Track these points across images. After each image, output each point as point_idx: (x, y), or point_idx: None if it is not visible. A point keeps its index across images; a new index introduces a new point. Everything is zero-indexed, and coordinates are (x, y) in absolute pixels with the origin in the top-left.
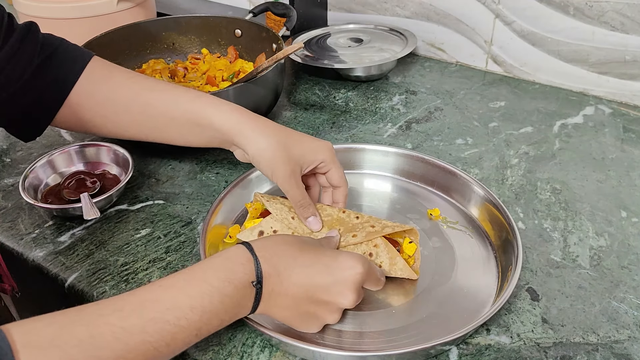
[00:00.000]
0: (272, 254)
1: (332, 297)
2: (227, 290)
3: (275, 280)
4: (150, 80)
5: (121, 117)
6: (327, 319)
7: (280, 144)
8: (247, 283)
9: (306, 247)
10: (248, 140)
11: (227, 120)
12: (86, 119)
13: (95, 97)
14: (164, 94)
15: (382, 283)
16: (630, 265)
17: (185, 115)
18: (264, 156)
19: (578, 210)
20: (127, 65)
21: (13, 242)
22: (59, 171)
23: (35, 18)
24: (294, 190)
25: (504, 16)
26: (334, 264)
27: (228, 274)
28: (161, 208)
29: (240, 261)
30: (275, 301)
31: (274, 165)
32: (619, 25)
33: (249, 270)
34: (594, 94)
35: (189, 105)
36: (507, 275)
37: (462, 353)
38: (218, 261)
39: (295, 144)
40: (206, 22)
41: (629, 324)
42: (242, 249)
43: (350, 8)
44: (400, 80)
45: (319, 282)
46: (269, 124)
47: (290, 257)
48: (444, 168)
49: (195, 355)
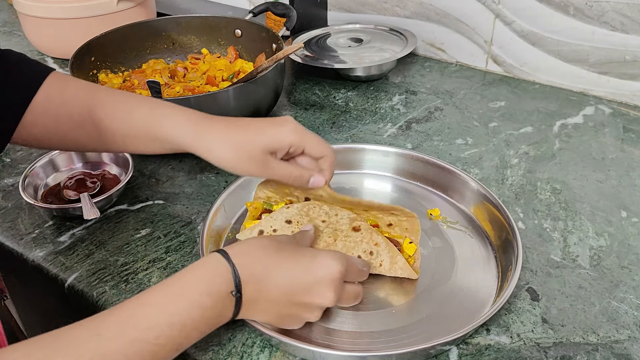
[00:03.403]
0: (250, 260)
1: (312, 298)
2: (206, 303)
3: (255, 287)
4: (105, 92)
5: (77, 132)
6: (309, 317)
7: (238, 145)
8: (226, 293)
9: (283, 248)
10: (205, 150)
11: (182, 133)
12: (43, 136)
13: (50, 114)
14: (118, 108)
15: (366, 274)
16: (630, 265)
17: (140, 130)
18: (227, 162)
19: (578, 210)
20: (127, 65)
21: (13, 242)
22: (59, 171)
23: (35, 18)
24: (277, 173)
25: (504, 16)
26: (312, 266)
27: (206, 286)
28: (161, 208)
29: (218, 272)
30: (255, 307)
31: (241, 167)
32: (619, 25)
33: (227, 280)
34: (594, 94)
35: (142, 119)
36: (507, 275)
37: (462, 353)
38: (196, 274)
39: (255, 136)
40: (206, 22)
41: (629, 324)
42: (218, 258)
43: (350, 8)
44: (400, 80)
45: (298, 284)
46: (225, 125)
47: (268, 262)
48: (444, 168)
49: (195, 355)
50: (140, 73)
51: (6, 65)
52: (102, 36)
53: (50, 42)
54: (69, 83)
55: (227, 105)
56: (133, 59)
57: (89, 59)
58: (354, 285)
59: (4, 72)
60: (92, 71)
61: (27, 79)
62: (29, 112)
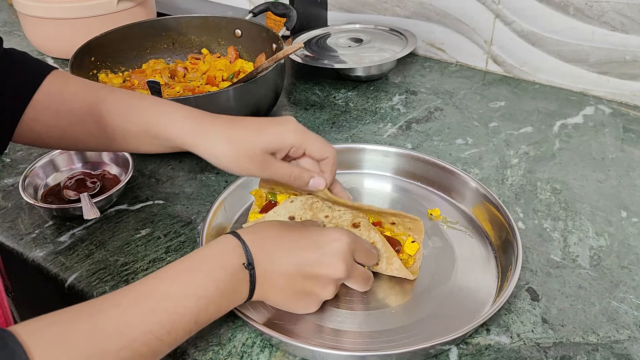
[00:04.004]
0: (259, 236)
1: (324, 270)
2: (219, 276)
3: (267, 260)
4: (106, 89)
5: (77, 129)
6: (323, 294)
7: (238, 144)
8: (239, 266)
9: (291, 226)
10: (204, 149)
11: (179, 130)
12: (43, 134)
13: (51, 110)
14: (118, 106)
15: (375, 257)
16: (630, 265)
17: (140, 127)
18: (225, 161)
19: (578, 210)
20: (127, 65)
21: (13, 242)
22: (59, 171)
23: (36, 18)
24: (277, 173)
25: (504, 16)
26: (321, 238)
27: (218, 260)
28: (161, 208)
29: (228, 247)
30: (270, 282)
31: (240, 166)
32: (619, 25)
33: (238, 254)
34: (594, 94)
35: (142, 117)
36: (507, 275)
37: (462, 353)
38: (207, 251)
39: (255, 136)
40: (206, 22)
41: (629, 324)
42: (229, 236)
43: (350, 8)
44: (400, 80)
45: (309, 256)
46: (224, 124)
47: (277, 238)
48: (444, 168)
49: (195, 355)
50: (140, 73)
51: (8, 64)
52: (102, 36)
53: (50, 42)
54: (69, 80)
55: (227, 105)
56: (133, 59)
57: (89, 59)
58: (364, 268)
59: (6, 71)
60: (92, 71)
61: (29, 76)
62: (29, 109)
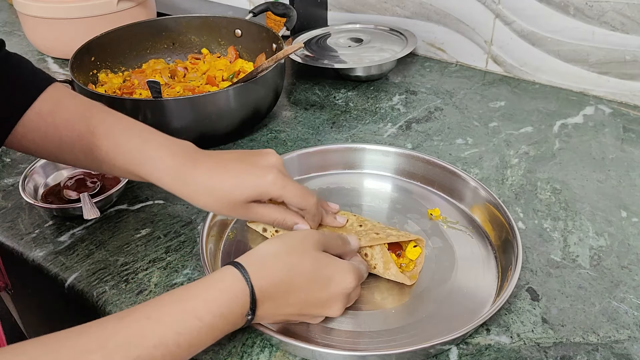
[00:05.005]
0: (268, 280)
1: (322, 311)
2: (218, 325)
3: (269, 305)
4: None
5: (65, 154)
6: (312, 322)
7: (221, 197)
8: (240, 315)
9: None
10: (189, 198)
11: (164, 179)
12: (32, 150)
13: (40, 131)
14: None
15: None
16: (630, 265)
17: (125, 167)
18: (211, 209)
19: (578, 210)
20: (127, 65)
21: (13, 242)
22: (59, 171)
23: (36, 18)
24: (263, 219)
25: (504, 16)
26: (329, 283)
27: (221, 308)
28: (161, 208)
29: (235, 294)
30: (267, 318)
31: (226, 213)
32: (619, 25)
33: (243, 303)
34: (594, 94)
35: (130, 156)
36: (507, 275)
37: (462, 353)
38: (211, 294)
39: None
40: (206, 22)
41: (629, 324)
42: (238, 278)
43: (350, 8)
44: (400, 80)
45: (313, 301)
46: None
47: (286, 282)
48: (444, 168)
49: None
50: (140, 73)
51: (7, 69)
52: (102, 36)
53: (50, 42)
54: (63, 100)
55: (227, 105)
56: (133, 59)
57: (89, 59)
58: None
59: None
60: (92, 71)
61: (24, 89)
62: (20, 125)
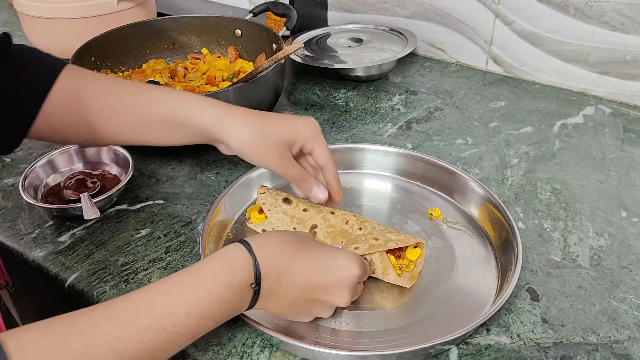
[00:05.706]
0: (272, 255)
1: (329, 297)
2: (225, 295)
3: (274, 281)
4: (126, 84)
5: (98, 123)
6: (321, 314)
7: (262, 132)
8: (246, 286)
9: (306, 244)
10: (229, 135)
11: (206, 117)
12: (61, 129)
13: (70, 105)
14: (143, 98)
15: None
16: (630, 265)
17: (166, 116)
18: (248, 147)
19: (578, 210)
20: (127, 65)
21: (13, 242)
22: (59, 171)
23: (36, 18)
24: (289, 170)
25: (504, 16)
26: (334, 265)
27: (227, 278)
28: (161, 208)
29: (239, 264)
30: (273, 300)
31: (260, 154)
32: (619, 25)
33: (247, 273)
34: (594, 94)
35: (168, 105)
36: (507, 275)
37: (462, 353)
38: (217, 264)
39: (277, 127)
40: (206, 22)
41: (629, 324)
42: (241, 249)
43: (350, 8)
44: (400, 80)
45: (318, 283)
46: (248, 114)
47: (290, 257)
48: (444, 168)
49: (195, 355)
50: (140, 73)
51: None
52: (102, 36)
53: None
54: (86, 74)
55: None
56: (133, 59)
57: (89, 59)
58: (360, 285)
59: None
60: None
61: (43, 71)
62: (47, 104)
